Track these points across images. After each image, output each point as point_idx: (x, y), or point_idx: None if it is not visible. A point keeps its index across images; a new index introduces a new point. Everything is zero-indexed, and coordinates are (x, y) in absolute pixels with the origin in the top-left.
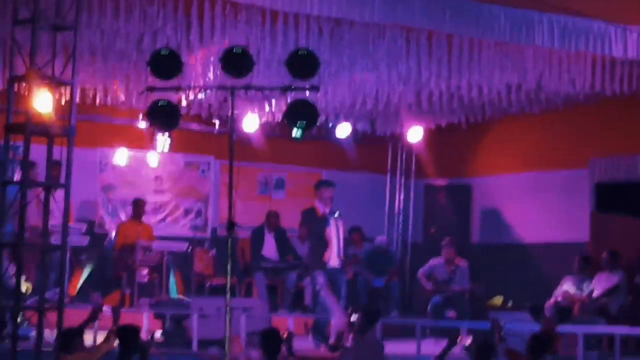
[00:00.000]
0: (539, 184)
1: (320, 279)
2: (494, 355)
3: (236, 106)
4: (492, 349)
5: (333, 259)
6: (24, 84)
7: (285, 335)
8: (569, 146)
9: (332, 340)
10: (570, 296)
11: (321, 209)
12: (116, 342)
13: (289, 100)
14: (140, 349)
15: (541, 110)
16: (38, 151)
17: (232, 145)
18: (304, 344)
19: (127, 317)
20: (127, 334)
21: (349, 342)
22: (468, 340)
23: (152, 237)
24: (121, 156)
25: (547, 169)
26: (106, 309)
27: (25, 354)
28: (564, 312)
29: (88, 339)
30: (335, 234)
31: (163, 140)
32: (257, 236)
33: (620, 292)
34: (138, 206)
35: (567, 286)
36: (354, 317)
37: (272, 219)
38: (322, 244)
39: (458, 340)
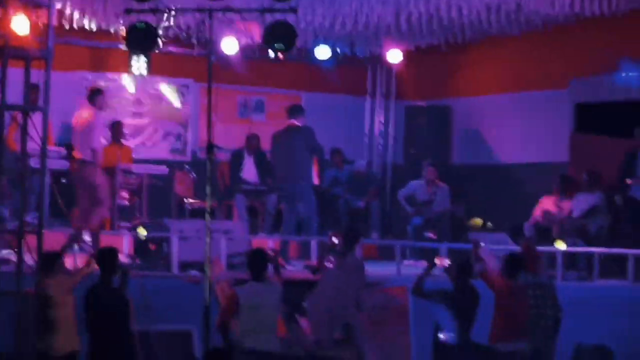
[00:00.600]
0: (519, 105)
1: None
2: (473, 275)
3: (215, 28)
4: (471, 269)
5: None
6: (1, 7)
7: (272, 255)
8: (549, 67)
9: (314, 262)
10: (549, 216)
11: None
12: (96, 266)
13: (267, 22)
14: (121, 271)
15: (521, 31)
16: (16, 74)
17: (211, 67)
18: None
19: (107, 240)
20: (106, 256)
21: (330, 264)
22: (446, 262)
23: (132, 160)
24: (99, 79)
25: (527, 89)
26: (86, 233)
27: (5, 277)
28: (543, 232)
29: (68, 262)
30: None
31: (141, 63)
32: (237, 159)
33: (600, 213)
34: (116, 129)
35: (546, 206)
36: (334, 239)
37: (252, 141)
38: None
39: (437, 261)
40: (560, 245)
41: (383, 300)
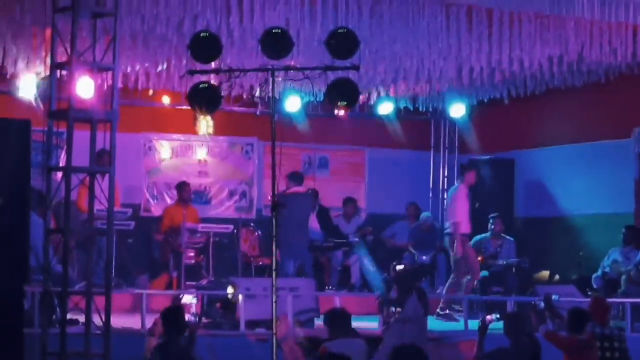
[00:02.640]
0: (582, 156)
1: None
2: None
3: (277, 87)
4: (524, 322)
5: None
6: (65, 71)
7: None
8: (612, 117)
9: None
10: (617, 267)
11: None
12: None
13: (329, 80)
14: (188, 330)
15: (583, 82)
16: (81, 137)
17: (274, 126)
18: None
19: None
20: (172, 315)
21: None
22: (492, 317)
23: (198, 220)
24: (164, 140)
25: (591, 140)
26: None
27: (73, 338)
28: (611, 283)
29: (136, 322)
30: None
31: (205, 123)
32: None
33: None
34: (183, 189)
35: (614, 258)
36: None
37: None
38: None
39: (486, 320)
40: (544, 275)
41: (451, 355)
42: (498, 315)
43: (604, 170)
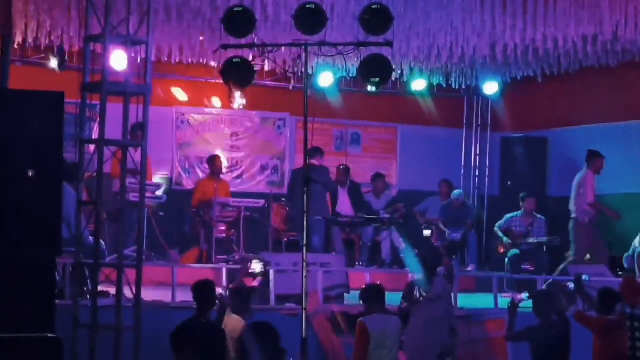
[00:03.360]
0: (616, 136)
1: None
2: (558, 304)
3: (310, 62)
4: (553, 301)
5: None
6: (99, 44)
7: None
8: None
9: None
10: None
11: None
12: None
13: (362, 56)
14: (220, 304)
15: (618, 61)
16: (114, 110)
17: (307, 101)
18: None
19: (204, 274)
20: (203, 289)
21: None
22: (521, 297)
23: (229, 194)
24: (197, 114)
25: (625, 120)
26: None
27: (104, 311)
28: None
29: (167, 295)
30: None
31: (238, 98)
32: (333, 192)
33: None
34: (214, 163)
35: None
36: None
37: (342, 174)
38: None
39: (515, 300)
40: None
41: (480, 333)
42: (528, 295)
43: (637, 150)
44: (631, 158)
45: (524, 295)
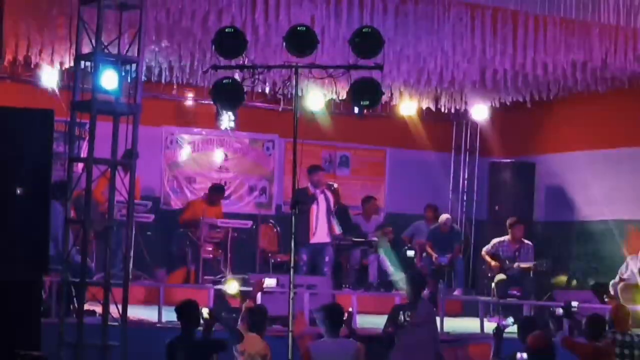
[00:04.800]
0: (604, 162)
1: (304, 256)
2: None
3: (300, 84)
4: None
5: (318, 234)
6: (90, 62)
7: (345, 316)
8: (635, 124)
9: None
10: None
11: (312, 190)
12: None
13: (352, 79)
14: (204, 323)
15: (607, 88)
16: (104, 128)
17: (297, 123)
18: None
19: (191, 294)
20: (187, 309)
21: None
22: (506, 322)
23: (221, 216)
24: (186, 134)
25: (613, 147)
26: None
27: (91, 329)
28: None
29: (153, 315)
30: (323, 211)
31: (227, 119)
32: None
33: None
34: (217, 194)
35: (632, 264)
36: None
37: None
38: (306, 221)
39: (501, 325)
40: (562, 280)
41: (466, 358)
42: (512, 320)
43: (625, 177)
44: (618, 185)
45: (509, 320)
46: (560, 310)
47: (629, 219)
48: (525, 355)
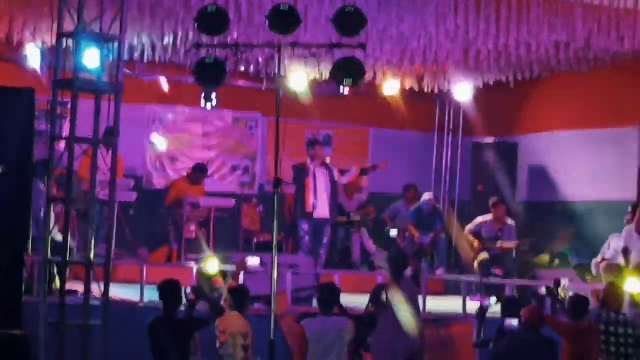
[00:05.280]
0: (587, 142)
1: (305, 226)
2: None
3: (283, 63)
4: (518, 305)
5: (319, 210)
6: (72, 40)
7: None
8: (618, 104)
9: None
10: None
11: (309, 164)
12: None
13: (336, 58)
14: (187, 302)
15: (590, 69)
16: (86, 107)
17: (279, 102)
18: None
19: (173, 273)
20: (170, 288)
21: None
22: (487, 302)
23: (204, 195)
24: (169, 113)
25: (596, 127)
26: None
27: (72, 309)
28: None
29: (135, 294)
30: (323, 186)
31: (210, 97)
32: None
33: None
34: (200, 174)
35: (614, 243)
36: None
37: None
38: (302, 193)
39: (484, 305)
40: (544, 260)
41: (448, 337)
42: (495, 300)
43: (608, 157)
44: (601, 165)
45: (492, 300)
46: (543, 290)
47: (612, 199)
48: (514, 322)
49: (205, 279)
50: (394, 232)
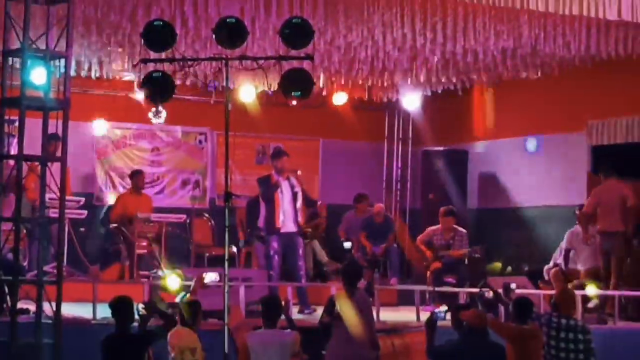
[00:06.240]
0: (535, 148)
1: (274, 244)
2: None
3: (231, 76)
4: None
5: (286, 224)
6: (18, 58)
7: (283, 304)
8: (566, 110)
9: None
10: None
11: (275, 177)
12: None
13: (284, 70)
14: (140, 318)
15: (537, 75)
16: (33, 125)
17: (228, 115)
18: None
19: (125, 290)
20: (122, 305)
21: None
22: (437, 310)
23: (152, 209)
24: (117, 129)
25: (544, 132)
26: None
27: (24, 327)
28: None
29: (87, 312)
30: (288, 199)
31: (159, 112)
32: (253, 206)
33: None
34: (137, 178)
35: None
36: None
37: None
38: (272, 209)
39: (433, 315)
40: (496, 267)
41: (402, 347)
42: (446, 309)
43: (557, 163)
44: (550, 170)
45: (442, 309)
46: (490, 293)
47: (562, 205)
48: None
49: (163, 294)
50: (347, 244)
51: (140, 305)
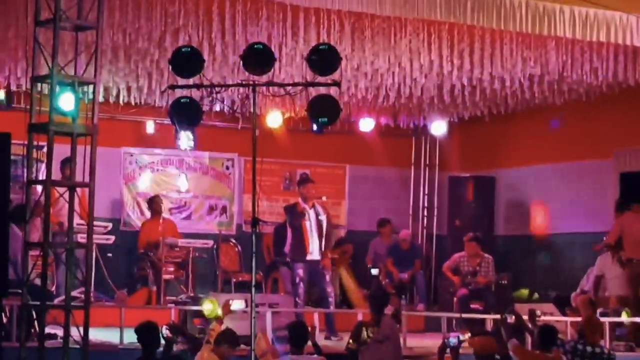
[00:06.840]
0: (563, 175)
1: (300, 271)
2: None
3: (259, 102)
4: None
5: (313, 252)
6: (46, 84)
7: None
8: (593, 137)
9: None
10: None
11: (302, 205)
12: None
13: (310, 96)
14: (165, 342)
15: (564, 101)
16: (62, 150)
17: (255, 141)
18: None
19: (152, 315)
20: (147, 331)
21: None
22: (453, 336)
23: (177, 233)
24: (145, 155)
25: (572, 160)
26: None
27: (52, 352)
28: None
29: (114, 337)
30: (314, 227)
31: (186, 138)
32: (280, 232)
33: None
34: (154, 203)
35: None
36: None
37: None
38: (300, 237)
39: (451, 341)
40: (523, 294)
41: None
42: (461, 337)
43: (585, 190)
44: (579, 198)
45: (456, 338)
46: (513, 318)
47: (590, 232)
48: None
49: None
50: (374, 271)
51: (165, 327)
